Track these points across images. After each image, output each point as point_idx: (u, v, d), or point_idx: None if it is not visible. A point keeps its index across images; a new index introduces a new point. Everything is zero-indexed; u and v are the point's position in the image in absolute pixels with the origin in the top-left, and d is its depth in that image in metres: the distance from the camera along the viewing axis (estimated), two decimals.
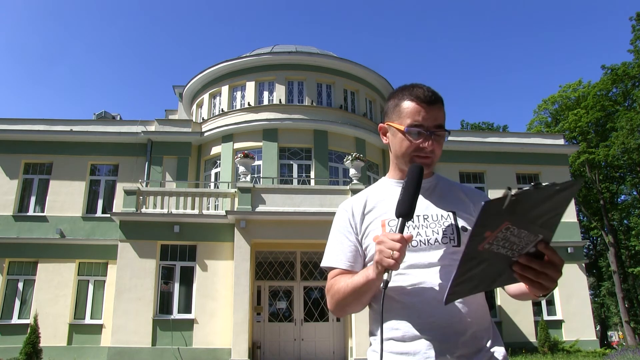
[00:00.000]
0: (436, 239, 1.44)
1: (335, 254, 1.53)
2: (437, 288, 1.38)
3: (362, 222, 1.53)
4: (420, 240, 1.44)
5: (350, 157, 14.94)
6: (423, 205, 1.50)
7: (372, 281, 1.33)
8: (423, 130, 1.46)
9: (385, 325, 1.42)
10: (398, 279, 1.41)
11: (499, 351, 1.41)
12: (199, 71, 19.63)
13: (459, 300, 1.36)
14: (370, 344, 1.49)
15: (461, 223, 1.47)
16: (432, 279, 1.39)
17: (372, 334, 1.49)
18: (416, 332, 1.36)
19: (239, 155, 14.76)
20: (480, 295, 1.43)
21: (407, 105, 1.49)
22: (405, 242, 1.26)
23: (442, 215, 1.48)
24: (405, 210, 1.32)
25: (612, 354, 12.60)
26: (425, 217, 1.48)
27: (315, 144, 17.66)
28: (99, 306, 15.64)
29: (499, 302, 16.54)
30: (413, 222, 1.47)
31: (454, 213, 1.49)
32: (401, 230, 1.31)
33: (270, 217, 14.11)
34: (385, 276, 1.26)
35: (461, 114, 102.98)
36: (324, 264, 1.55)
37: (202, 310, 14.08)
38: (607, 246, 29.55)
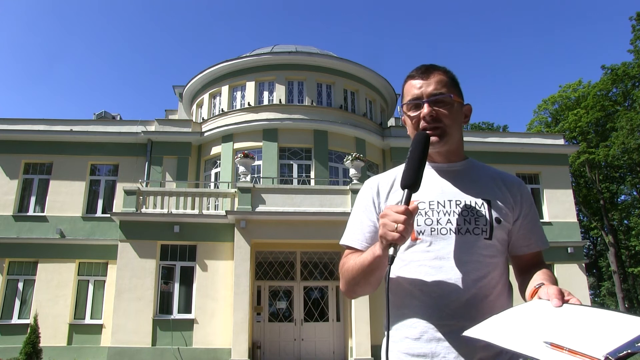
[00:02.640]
0: (467, 228, 1.34)
1: (353, 232, 1.47)
2: (461, 287, 1.30)
3: (387, 202, 1.44)
4: (450, 228, 1.35)
5: (350, 157, 14.95)
6: (454, 190, 1.41)
7: (379, 258, 1.24)
8: (419, 102, 1.40)
9: (402, 323, 1.35)
10: (420, 271, 1.34)
11: (516, 355, 1.36)
12: (199, 71, 19.63)
13: (481, 302, 1.30)
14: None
15: (495, 214, 1.37)
16: (458, 274, 1.31)
17: (388, 330, 1.43)
18: (435, 334, 1.29)
19: (239, 155, 14.76)
20: (504, 297, 1.37)
21: (405, 87, 1.48)
22: (410, 214, 1.18)
23: (475, 203, 1.38)
24: (410, 181, 1.25)
25: None
26: (458, 202, 1.38)
27: (315, 144, 17.65)
28: (99, 306, 15.64)
29: None
30: (444, 207, 1.37)
31: (488, 202, 1.38)
32: (407, 202, 1.22)
33: (270, 217, 14.11)
34: (390, 251, 1.18)
35: None
36: (341, 242, 1.49)
37: (202, 310, 14.08)
38: (607, 246, 29.58)
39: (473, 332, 1.11)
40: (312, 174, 17.24)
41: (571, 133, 29.83)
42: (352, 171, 14.81)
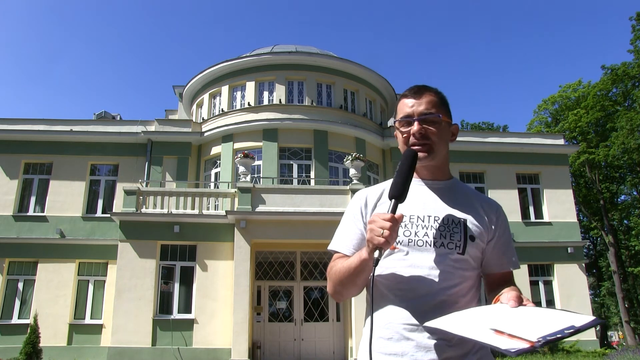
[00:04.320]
0: (442, 242, 1.44)
1: (341, 239, 1.56)
2: (431, 294, 1.40)
3: (374, 212, 1.54)
4: (426, 241, 1.45)
5: (350, 157, 14.94)
6: (435, 206, 1.52)
7: (365, 261, 1.35)
8: (410, 119, 1.52)
9: (378, 324, 1.43)
10: (396, 276, 1.43)
11: (486, 355, 1.42)
12: (199, 71, 19.63)
13: (449, 307, 1.38)
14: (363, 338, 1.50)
15: (470, 232, 1.47)
16: (429, 282, 1.41)
17: (364, 328, 1.50)
18: (405, 334, 1.37)
19: (239, 155, 14.76)
20: (472, 299, 1.45)
21: (399, 105, 1.60)
22: (396, 222, 1.30)
23: (453, 221, 1.48)
24: (398, 192, 1.37)
25: (612, 354, 12.62)
26: (436, 218, 1.48)
27: (315, 144, 17.65)
28: (99, 306, 15.64)
29: None
30: (423, 221, 1.48)
31: (464, 221, 1.49)
32: (393, 212, 1.34)
33: (270, 217, 14.11)
34: (376, 254, 1.29)
35: (461, 114, 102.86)
36: (329, 247, 1.58)
37: (202, 310, 14.08)
38: (607, 246, 29.56)
39: (433, 323, 1.26)
40: (312, 174, 17.24)
41: (571, 133, 29.80)
42: (352, 171, 14.80)
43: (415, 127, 1.50)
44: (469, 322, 1.20)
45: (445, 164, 1.59)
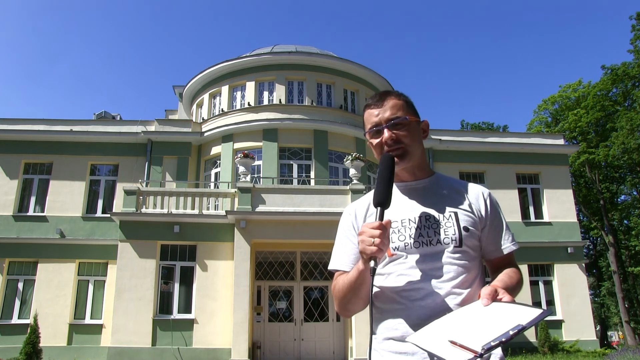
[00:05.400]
0: (438, 239, 1.45)
1: (339, 256, 1.57)
2: (436, 290, 1.40)
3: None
4: (422, 241, 1.46)
5: (350, 157, 14.95)
6: (424, 205, 1.52)
7: (363, 272, 1.36)
8: (379, 128, 1.53)
9: (386, 326, 1.45)
10: (399, 280, 1.44)
11: (495, 353, 1.42)
12: (199, 71, 19.64)
13: (454, 301, 1.39)
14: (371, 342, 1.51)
15: (463, 223, 1.48)
16: (432, 280, 1.42)
17: (372, 332, 1.51)
18: (414, 333, 1.38)
19: (239, 155, 14.75)
20: (477, 289, 1.45)
21: (365, 116, 1.60)
22: (384, 228, 1.31)
23: (444, 216, 1.49)
24: (381, 199, 1.38)
25: (612, 354, 12.60)
26: (427, 217, 1.49)
27: (315, 144, 17.66)
28: (99, 306, 15.64)
29: None
30: (415, 222, 1.48)
31: (455, 213, 1.50)
32: (380, 219, 1.35)
33: (270, 217, 14.11)
34: (372, 264, 1.30)
35: (461, 114, 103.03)
36: (330, 267, 1.59)
37: (202, 310, 14.08)
38: (607, 246, 29.55)
39: (412, 338, 1.27)
40: (312, 174, 17.24)
41: (571, 133, 29.79)
42: (352, 171, 14.80)
43: (385, 134, 1.50)
44: (436, 335, 1.21)
45: (423, 162, 1.59)
